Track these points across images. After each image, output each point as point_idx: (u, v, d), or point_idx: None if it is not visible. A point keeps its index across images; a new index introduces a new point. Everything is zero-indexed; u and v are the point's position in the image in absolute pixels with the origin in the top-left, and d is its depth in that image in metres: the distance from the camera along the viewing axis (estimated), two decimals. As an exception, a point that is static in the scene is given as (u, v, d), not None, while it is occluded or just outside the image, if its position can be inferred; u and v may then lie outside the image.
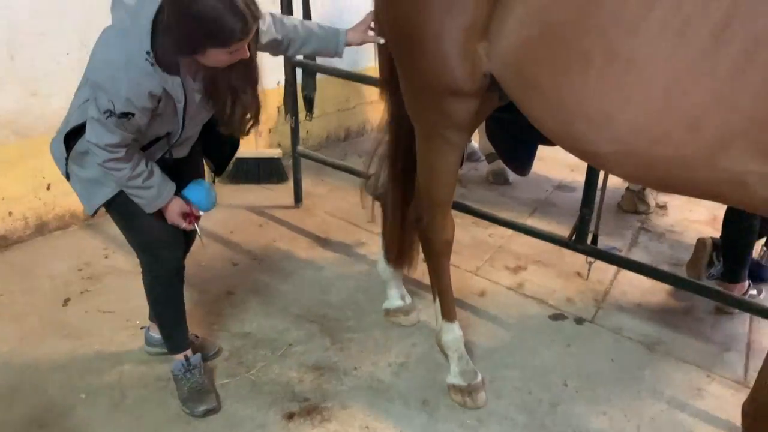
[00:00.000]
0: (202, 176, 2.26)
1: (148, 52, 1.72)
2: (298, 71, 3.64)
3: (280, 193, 4.00)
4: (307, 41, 2.19)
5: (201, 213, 2.14)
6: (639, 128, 1.53)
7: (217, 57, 1.75)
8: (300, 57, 3.22)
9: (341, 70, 3.47)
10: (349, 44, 2.24)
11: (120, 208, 2.05)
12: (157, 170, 1.97)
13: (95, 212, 2.08)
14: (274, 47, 2.17)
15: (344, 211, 3.79)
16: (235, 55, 1.77)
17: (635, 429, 2.27)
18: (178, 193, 2.06)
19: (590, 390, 2.44)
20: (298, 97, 3.67)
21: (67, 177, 2.04)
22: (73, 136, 1.93)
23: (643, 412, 2.35)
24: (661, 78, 1.46)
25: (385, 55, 2.30)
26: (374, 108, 5.15)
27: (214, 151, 2.30)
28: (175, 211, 2.06)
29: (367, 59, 4.76)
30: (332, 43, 2.21)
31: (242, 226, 3.59)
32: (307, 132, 4.55)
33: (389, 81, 2.33)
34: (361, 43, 2.26)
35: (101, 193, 2.00)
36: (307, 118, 3.83)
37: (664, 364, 2.60)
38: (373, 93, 5.01)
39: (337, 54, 2.25)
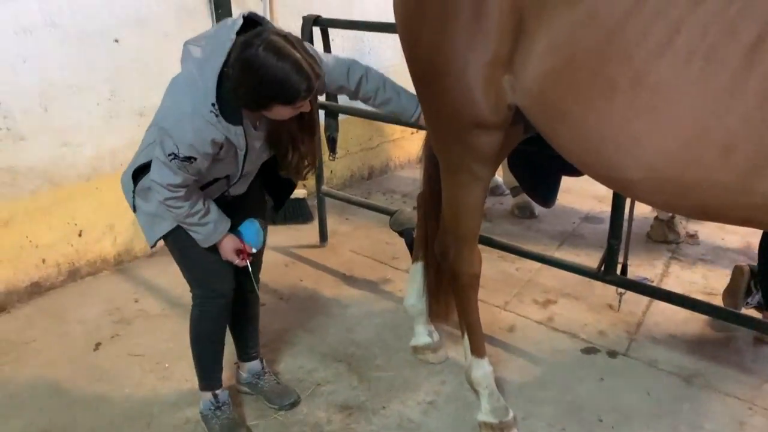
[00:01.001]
0: (261, 212, 2.30)
1: (213, 104, 1.80)
2: (321, 112, 3.69)
3: (306, 233, 4.03)
4: (387, 104, 2.29)
5: (254, 251, 2.18)
6: (669, 154, 1.51)
7: (281, 112, 1.85)
8: (322, 98, 3.28)
9: (363, 110, 3.51)
10: None
11: (177, 240, 2.11)
12: (213, 208, 2.04)
13: (155, 244, 2.14)
14: (349, 94, 2.27)
15: (369, 249, 3.80)
16: (297, 109, 1.87)
17: (676, 465, 2.19)
18: (233, 230, 2.12)
19: (626, 425, 2.37)
20: (322, 137, 3.71)
21: (134, 209, 2.12)
22: (140, 172, 2.03)
23: (684, 447, 2.27)
24: (690, 102, 1.45)
25: None
26: (397, 146, 5.20)
27: (273, 187, 2.35)
28: (228, 248, 2.11)
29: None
30: (409, 111, 2.30)
31: (268, 266, 3.57)
32: (331, 171, 4.60)
33: None
34: None
35: (161, 227, 2.08)
36: (331, 158, 3.87)
37: (703, 397, 2.52)
38: (395, 131, 5.10)
39: (412, 120, 2.33)
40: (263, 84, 1.75)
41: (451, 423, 2.39)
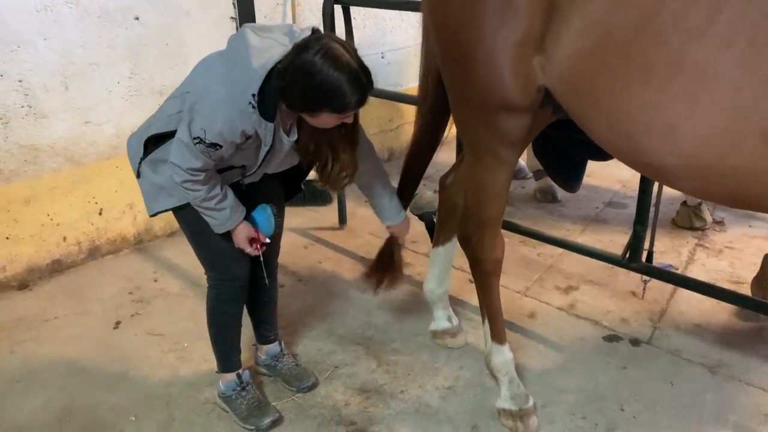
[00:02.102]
0: (276, 198, 2.25)
1: (253, 95, 1.76)
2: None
3: (325, 215, 4.01)
4: (370, 193, 2.37)
5: (267, 240, 2.14)
6: (706, 141, 1.46)
7: (327, 120, 1.82)
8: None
9: (384, 90, 3.48)
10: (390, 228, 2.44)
11: (187, 218, 2.08)
12: (230, 194, 2.01)
13: (155, 214, 2.11)
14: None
15: (389, 232, 3.76)
16: (342, 119, 1.84)
17: (699, 457, 2.15)
18: (247, 217, 2.09)
19: (649, 415, 2.33)
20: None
21: (138, 175, 2.07)
22: (153, 140, 1.99)
23: (707, 439, 2.23)
24: (730, 87, 1.39)
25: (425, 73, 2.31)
26: (418, 128, 5.14)
27: (284, 178, 2.29)
28: (242, 236, 2.08)
29: (408, 79, 4.78)
30: (387, 215, 2.38)
31: (288, 248, 3.58)
32: (351, 153, 4.56)
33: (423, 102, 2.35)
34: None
35: (165, 201, 2.04)
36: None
37: (728, 388, 2.47)
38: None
39: (384, 224, 2.43)
40: (317, 90, 1.72)
41: (470, 409, 2.37)
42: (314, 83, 1.71)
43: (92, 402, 2.41)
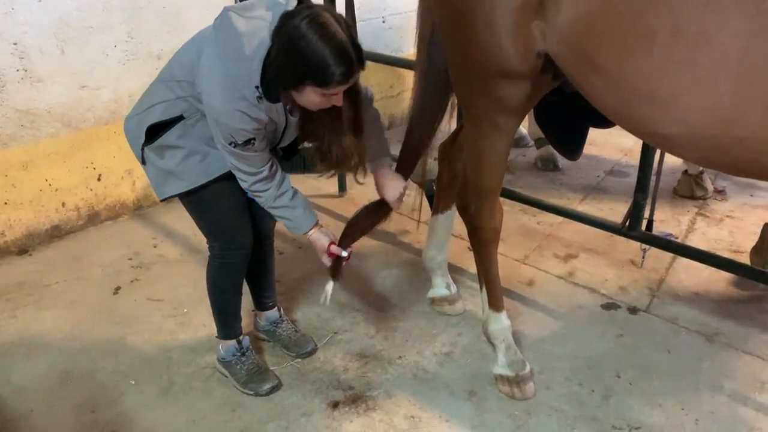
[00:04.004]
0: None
1: (257, 87, 1.73)
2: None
3: (324, 183, 3.96)
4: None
5: (344, 254, 2.13)
6: (710, 110, 1.43)
7: (312, 97, 1.75)
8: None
9: (385, 56, 3.43)
10: (376, 175, 2.24)
11: (195, 200, 2.08)
12: (300, 193, 2.03)
13: (165, 200, 2.11)
14: None
15: (389, 199, 3.75)
16: (328, 100, 1.77)
17: (693, 423, 2.17)
18: None
19: (645, 382, 2.35)
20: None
21: (143, 162, 2.06)
22: (154, 129, 1.97)
23: (702, 405, 2.24)
24: (735, 54, 1.35)
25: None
26: (419, 94, 5.08)
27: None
28: (324, 243, 2.10)
29: (410, 44, 4.71)
30: (377, 154, 2.20)
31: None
32: (351, 120, 4.52)
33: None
34: (383, 188, 2.26)
35: (175, 186, 2.04)
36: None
37: (725, 356, 2.48)
38: (417, 79, 4.98)
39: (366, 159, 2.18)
40: (300, 58, 1.65)
41: (467, 375, 2.39)
42: (298, 50, 1.65)
43: (92, 366, 2.43)
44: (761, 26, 1.32)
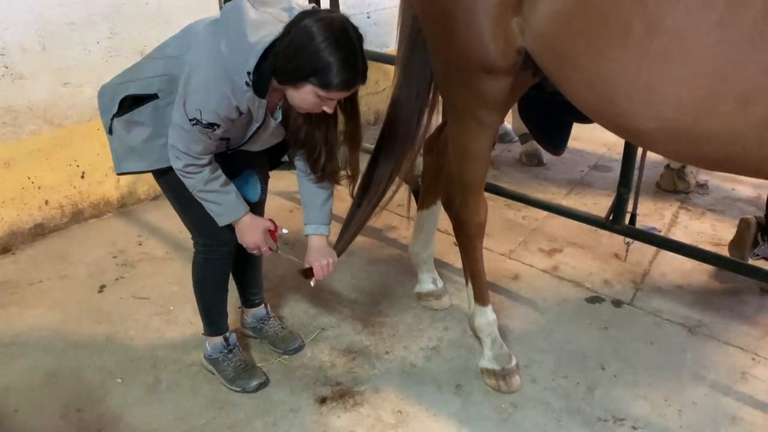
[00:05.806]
0: (260, 163, 2.20)
1: (249, 73, 1.71)
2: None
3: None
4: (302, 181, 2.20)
5: (285, 231, 2.11)
6: (684, 103, 1.45)
7: (307, 97, 1.74)
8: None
9: (369, 51, 3.40)
10: (310, 240, 2.24)
11: (172, 184, 2.00)
12: (231, 182, 1.98)
13: (122, 174, 2.07)
14: None
15: (375, 195, 3.75)
16: (322, 104, 1.77)
17: (676, 413, 2.20)
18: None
19: (629, 374, 2.38)
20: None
21: (109, 131, 2.02)
22: (129, 100, 1.93)
23: (685, 396, 2.28)
24: (709, 49, 1.38)
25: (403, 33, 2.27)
26: (404, 90, 5.08)
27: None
28: (258, 229, 2.06)
29: (395, 40, 4.70)
30: (311, 217, 2.22)
31: (274, 211, 3.54)
32: (336, 116, 4.51)
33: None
34: (310, 255, 2.23)
35: (135, 164, 2.00)
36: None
37: (707, 347, 2.52)
38: (402, 75, 4.97)
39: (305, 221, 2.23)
40: (308, 55, 1.65)
41: (454, 369, 2.41)
42: (306, 47, 1.65)
43: (78, 365, 2.42)
44: (731, 22, 1.34)
